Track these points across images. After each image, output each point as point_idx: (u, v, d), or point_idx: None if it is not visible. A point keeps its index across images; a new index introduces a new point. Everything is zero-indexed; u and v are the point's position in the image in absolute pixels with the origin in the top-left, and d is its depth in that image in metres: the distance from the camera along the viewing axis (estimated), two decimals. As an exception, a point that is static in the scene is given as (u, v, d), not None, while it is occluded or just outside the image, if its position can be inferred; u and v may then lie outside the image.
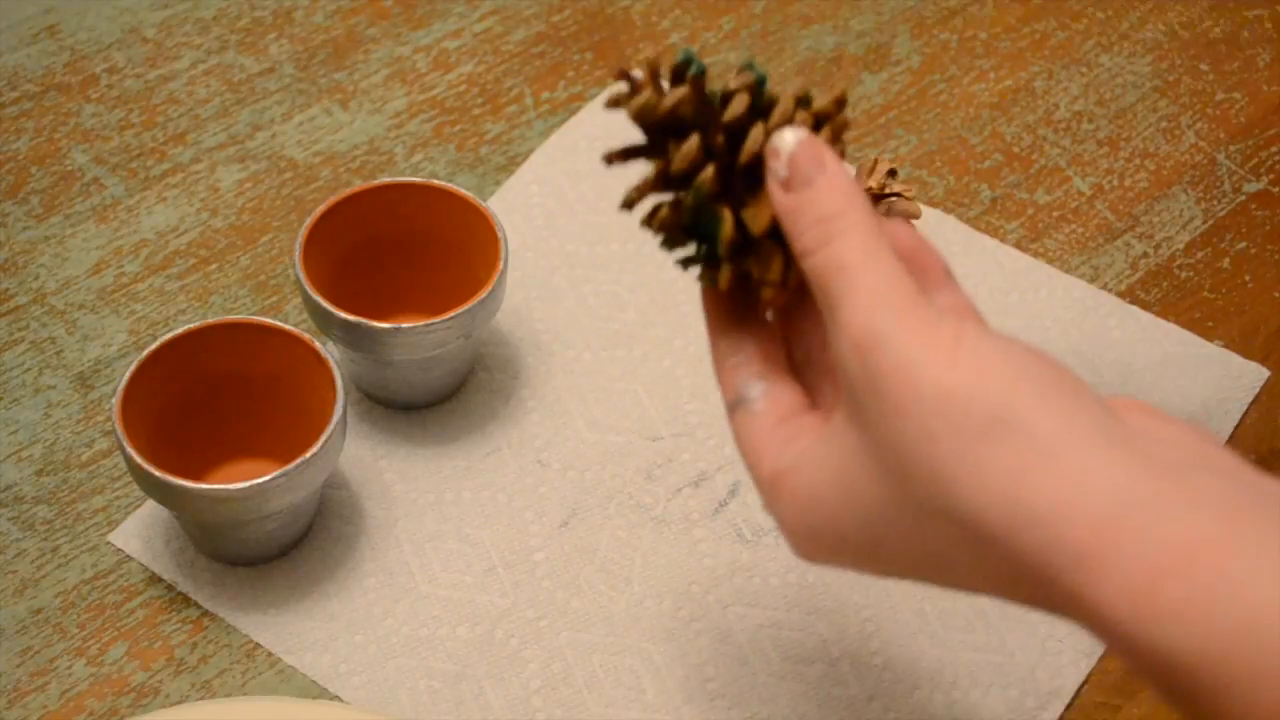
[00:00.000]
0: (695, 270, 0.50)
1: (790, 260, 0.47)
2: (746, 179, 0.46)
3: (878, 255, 0.43)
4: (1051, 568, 0.39)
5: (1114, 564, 0.38)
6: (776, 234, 0.46)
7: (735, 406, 0.49)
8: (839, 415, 0.45)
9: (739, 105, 0.46)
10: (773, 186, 0.45)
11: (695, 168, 0.46)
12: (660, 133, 0.47)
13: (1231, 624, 0.37)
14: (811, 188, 0.44)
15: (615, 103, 0.47)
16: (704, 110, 0.46)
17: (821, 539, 0.46)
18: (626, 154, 0.48)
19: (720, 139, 0.46)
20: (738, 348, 0.49)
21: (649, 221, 0.49)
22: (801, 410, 0.48)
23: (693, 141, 0.45)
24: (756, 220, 0.46)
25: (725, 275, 0.48)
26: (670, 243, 0.49)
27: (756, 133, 0.45)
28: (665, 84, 0.47)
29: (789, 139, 0.44)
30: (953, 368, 0.42)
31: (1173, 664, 0.38)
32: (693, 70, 0.46)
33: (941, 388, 0.41)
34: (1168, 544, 0.38)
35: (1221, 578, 0.37)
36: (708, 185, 0.46)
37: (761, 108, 0.46)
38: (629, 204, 0.49)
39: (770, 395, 0.48)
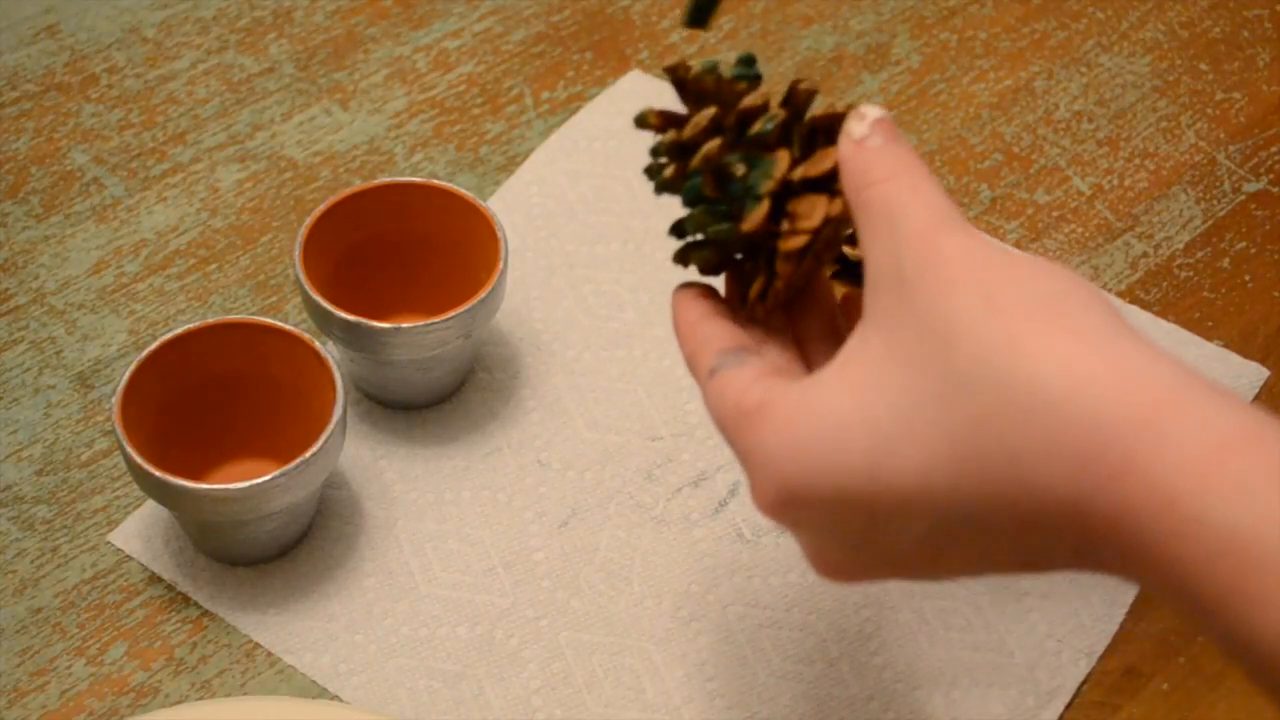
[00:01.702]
0: (693, 240, 0.51)
1: (826, 216, 0.48)
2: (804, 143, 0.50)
3: (940, 186, 0.45)
4: (1107, 436, 0.38)
5: (1176, 433, 0.38)
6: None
7: (712, 372, 0.48)
8: (858, 332, 0.45)
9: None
10: (845, 141, 0.47)
11: (758, 113, 0.48)
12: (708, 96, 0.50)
13: None
14: (889, 137, 0.46)
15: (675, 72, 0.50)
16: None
17: (815, 464, 0.43)
18: (667, 115, 0.50)
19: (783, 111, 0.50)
20: (717, 328, 0.50)
21: (676, 158, 0.50)
22: (791, 364, 0.49)
23: (762, 91, 0.49)
24: (811, 168, 0.48)
25: (761, 211, 0.48)
26: (694, 187, 0.50)
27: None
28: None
29: (875, 110, 0.47)
30: (1016, 253, 0.43)
31: (1230, 541, 0.37)
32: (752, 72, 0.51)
33: (1008, 263, 0.42)
34: (1229, 422, 0.38)
35: (1274, 460, 0.37)
36: (771, 128, 0.48)
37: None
38: (674, 140, 0.50)
39: (753, 356, 0.48)
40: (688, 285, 0.52)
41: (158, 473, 0.62)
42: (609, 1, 0.90)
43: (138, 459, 0.62)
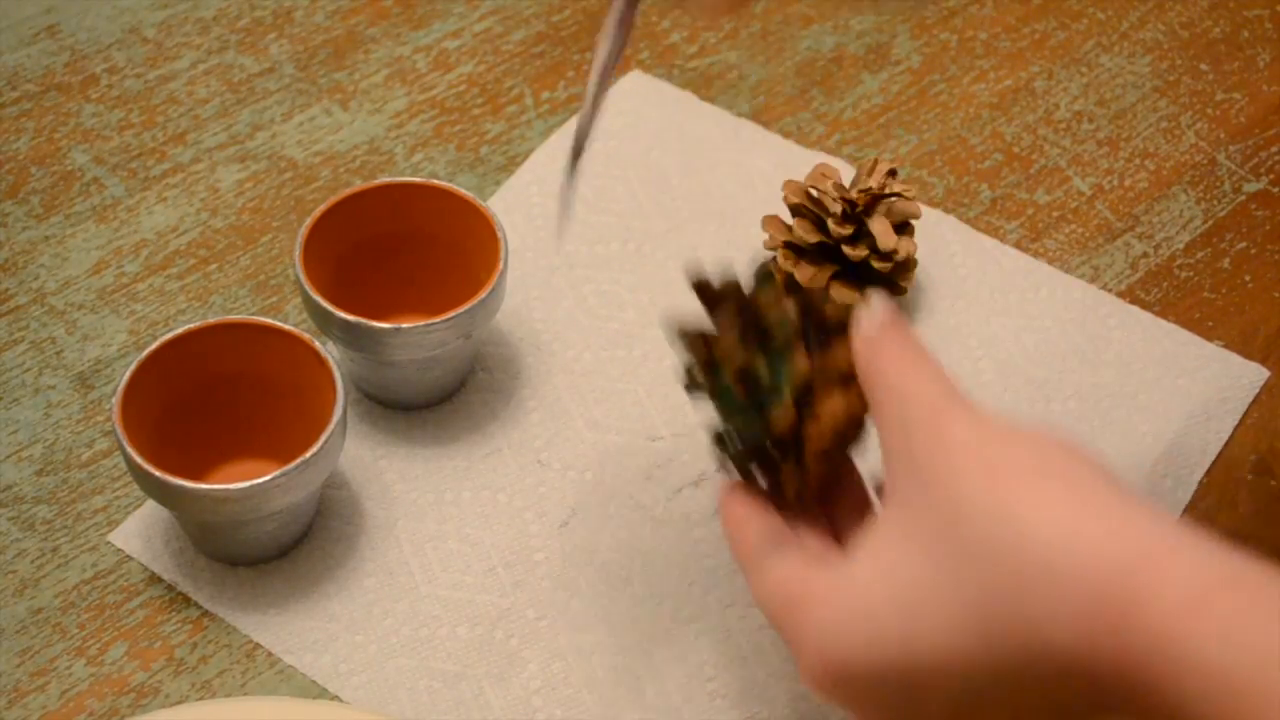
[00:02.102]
0: (731, 445, 0.56)
1: (846, 411, 0.52)
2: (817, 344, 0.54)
3: (943, 369, 0.50)
4: (1103, 591, 0.41)
5: (1162, 582, 0.41)
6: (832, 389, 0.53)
7: (758, 566, 0.52)
8: (884, 511, 0.49)
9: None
10: (855, 334, 0.52)
11: (776, 319, 0.53)
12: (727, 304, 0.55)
13: (1272, 642, 0.39)
14: (895, 328, 0.51)
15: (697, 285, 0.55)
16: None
17: (853, 643, 0.47)
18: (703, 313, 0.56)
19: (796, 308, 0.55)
20: (760, 524, 0.54)
21: (712, 370, 0.55)
22: (825, 544, 0.54)
23: (790, 304, 0.54)
24: (827, 366, 0.53)
25: (788, 414, 0.52)
26: (725, 394, 0.55)
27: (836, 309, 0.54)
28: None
29: (880, 299, 0.52)
30: (1016, 428, 0.47)
31: (1221, 680, 0.39)
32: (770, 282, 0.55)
33: (1006, 438, 0.46)
34: (1210, 567, 0.41)
35: (1265, 600, 0.40)
36: (791, 328, 0.53)
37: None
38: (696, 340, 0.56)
39: (793, 549, 0.53)
40: (731, 483, 0.57)
41: (158, 473, 0.62)
42: (609, 1, 0.90)
43: (138, 459, 0.62)
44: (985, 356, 0.75)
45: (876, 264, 0.73)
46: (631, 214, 0.80)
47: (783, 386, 0.52)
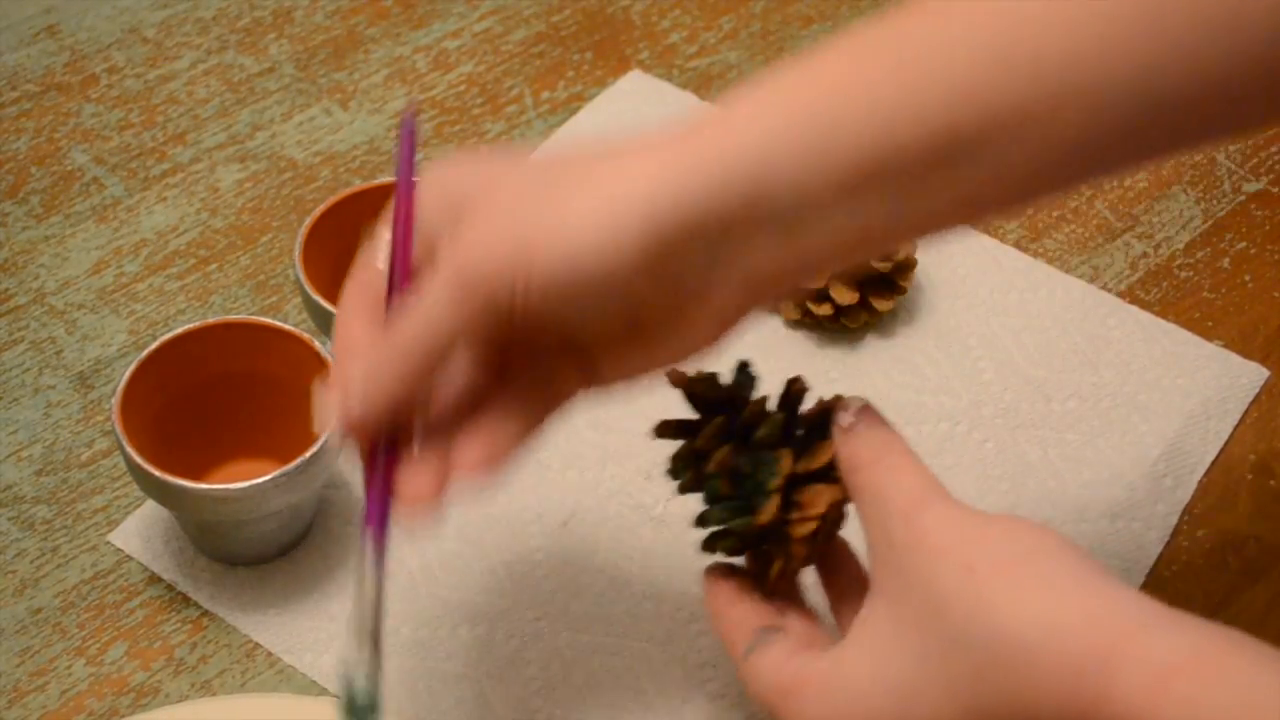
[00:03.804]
0: (718, 537, 0.56)
1: (830, 503, 0.54)
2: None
3: (919, 461, 0.52)
4: (1079, 674, 0.44)
5: (1130, 664, 0.43)
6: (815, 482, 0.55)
7: (747, 654, 0.53)
8: (867, 602, 0.50)
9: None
10: (836, 431, 0.53)
11: (760, 418, 0.55)
12: (712, 407, 0.56)
13: (1235, 715, 0.42)
14: (874, 426, 0.53)
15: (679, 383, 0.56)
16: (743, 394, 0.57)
17: None
18: (681, 425, 0.57)
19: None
20: (746, 610, 0.55)
21: (693, 464, 0.56)
22: (813, 629, 0.55)
23: (763, 400, 0.55)
24: (810, 463, 0.55)
25: (772, 506, 0.54)
26: (712, 488, 0.56)
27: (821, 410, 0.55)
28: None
29: (857, 400, 0.54)
30: (988, 519, 0.49)
31: None
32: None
33: (983, 529, 0.48)
34: (1177, 648, 0.43)
35: (1222, 676, 0.42)
36: (776, 427, 0.55)
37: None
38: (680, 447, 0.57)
39: (781, 634, 0.54)
40: (715, 566, 0.57)
41: (158, 473, 0.62)
42: (609, 1, 0.91)
43: (138, 459, 0.62)
44: (985, 356, 0.75)
45: (876, 264, 0.73)
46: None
47: (767, 482, 0.54)
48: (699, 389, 0.56)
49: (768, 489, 0.54)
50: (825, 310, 0.74)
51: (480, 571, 0.67)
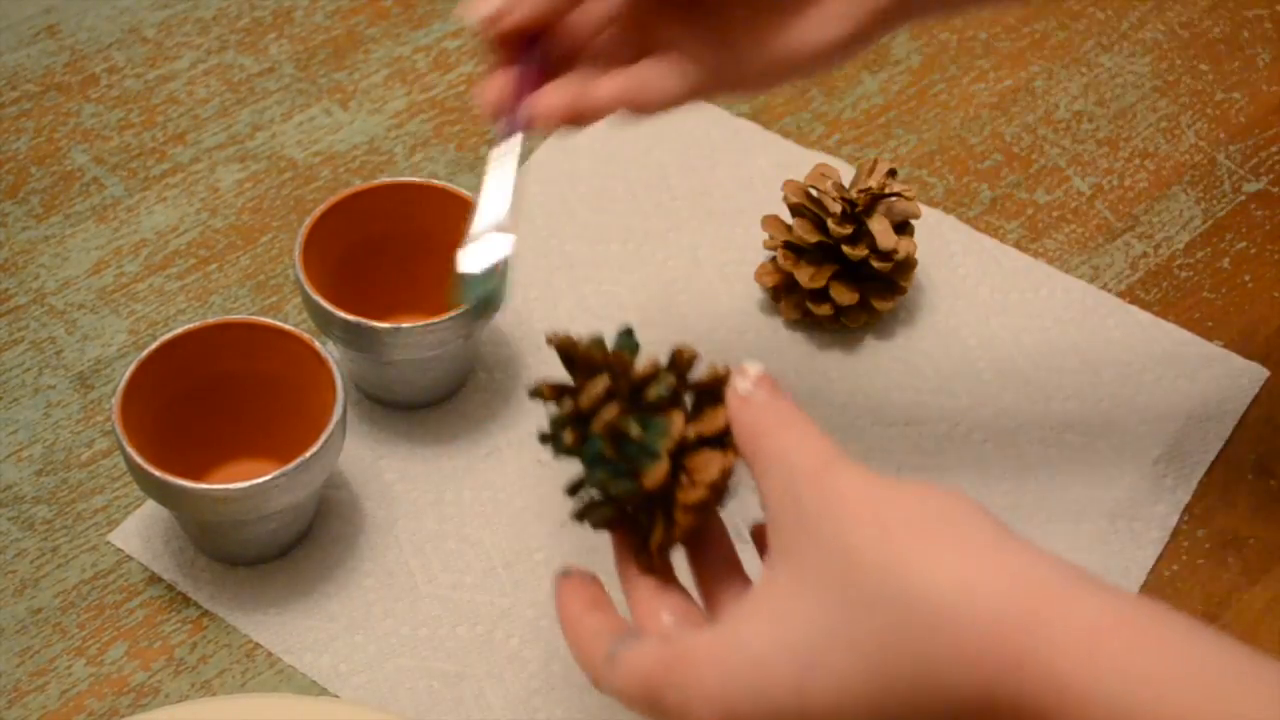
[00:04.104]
0: (591, 501, 0.55)
1: (721, 470, 0.52)
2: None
3: (821, 431, 0.51)
4: (999, 633, 0.43)
5: (1058, 622, 0.42)
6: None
7: (611, 657, 0.51)
8: (765, 569, 0.49)
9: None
10: (733, 397, 0.52)
11: (651, 379, 0.53)
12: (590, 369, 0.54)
13: (1168, 673, 0.41)
14: (773, 395, 0.52)
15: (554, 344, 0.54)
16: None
17: (744, 694, 0.47)
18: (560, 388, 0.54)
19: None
20: (602, 620, 0.53)
21: (575, 426, 0.53)
22: (690, 611, 0.53)
23: (655, 360, 0.53)
24: (704, 427, 0.53)
25: (662, 469, 0.52)
26: (594, 449, 0.53)
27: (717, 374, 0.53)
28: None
29: (755, 366, 0.52)
30: (900, 482, 0.48)
31: (1111, 714, 0.41)
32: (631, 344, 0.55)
33: (896, 492, 0.47)
34: (1104, 609, 0.43)
35: (1154, 637, 0.42)
36: (668, 388, 0.53)
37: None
38: (540, 393, 0.54)
39: (644, 635, 0.52)
40: (567, 577, 0.55)
41: (158, 473, 0.62)
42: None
43: (138, 459, 0.62)
44: (985, 356, 0.75)
45: (876, 264, 0.73)
46: (631, 214, 0.80)
47: (656, 443, 0.52)
48: (580, 350, 0.54)
49: (657, 451, 0.52)
50: (825, 310, 0.74)
51: (480, 571, 0.67)
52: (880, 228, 0.73)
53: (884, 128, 0.85)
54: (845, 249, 0.73)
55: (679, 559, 0.55)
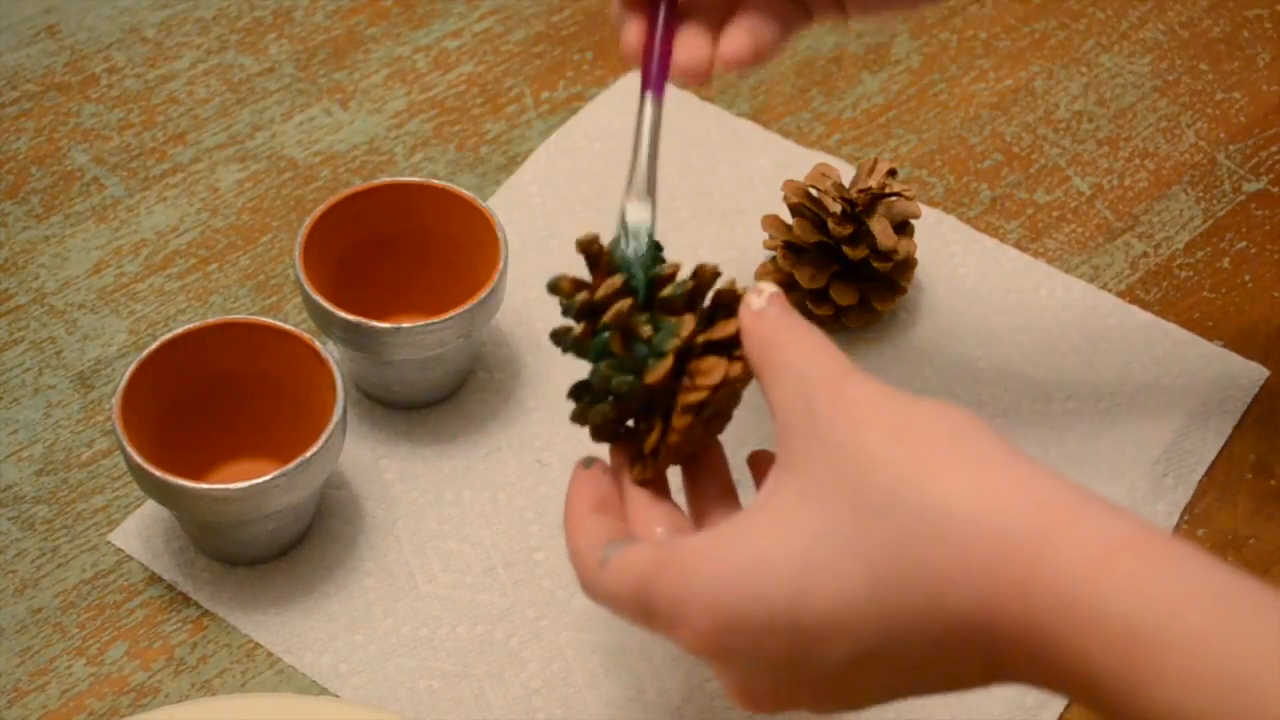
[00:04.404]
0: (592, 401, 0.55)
1: (725, 376, 0.52)
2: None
3: (832, 344, 0.51)
4: (1011, 547, 0.42)
5: (1073, 540, 0.42)
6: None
7: (603, 562, 0.51)
8: (771, 478, 0.49)
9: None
10: (746, 312, 0.52)
11: (668, 280, 0.54)
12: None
13: (1178, 594, 0.41)
14: (786, 312, 0.52)
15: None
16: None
17: (744, 594, 0.46)
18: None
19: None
20: (604, 523, 0.53)
21: (586, 318, 0.54)
22: (683, 525, 0.53)
23: (678, 265, 0.54)
24: (714, 333, 0.53)
25: (666, 365, 0.52)
26: (602, 343, 0.53)
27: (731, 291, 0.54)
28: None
29: (770, 286, 0.52)
30: (915, 397, 0.47)
31: (1123, 630, 0.41)
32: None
33: (910, 404, 0.47)
34: (1118, 528, 0.43)
35: (1165, 559, 0.42)
36: (684, 292, 0.53)
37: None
38: (556, 289, 0.55)
39: (640, 540, 0.51)
40: (586, 469, 0.55)
41: (158, 473, 0.62)
42: (609, 1, 0.90)
43: (138, 459, 0.62)
44: (985, 356, 0.75)
45: (876, 264, 0.73)
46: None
47: (664, 344, 0.52)
48: (602, 250, 0.54)
49: (664, 350, 0.52)
50: (825, 310, 0.74)
51: (480, 571, 0.67)
52: (880, 228, 0.73)
53: (884, 128, 0.85)
54: (845, 249, 0.73)
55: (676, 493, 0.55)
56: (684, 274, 0.55)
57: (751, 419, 0.58)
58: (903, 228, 0.75)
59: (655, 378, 0.52)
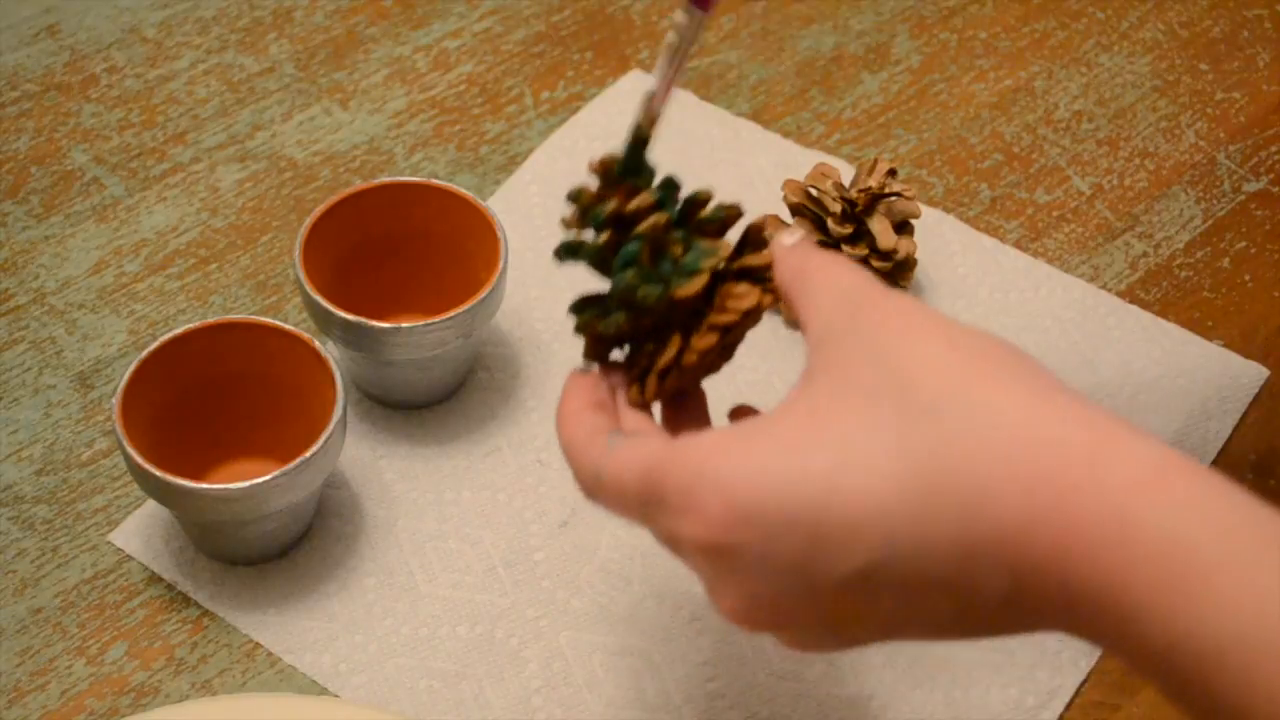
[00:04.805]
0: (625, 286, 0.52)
1: (757, 302, 0.51)
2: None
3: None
4: (1061, 459, 0.41)
5: (1125, 457, 0.41)
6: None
7: (611, 449, 0.48)
8: (801, 384, 0.46)
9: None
10: (779, 245, 0.51)
11: (706, 202, 0.53)
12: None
13: (1228, 516, 0.40)
14: (816, 249, 0.51)
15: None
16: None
17: (772, 480, 0.44)
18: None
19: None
20: (605, 417, 0.51)
21: (614, 226, 0.53)
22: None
23: (710, 191, 0.53)
24: (751, 260, 0.52)
25: (701, 281, 0.51)
26: (631, 253, 0.52)
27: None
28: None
29: (799, 230, 0.52)
30: (958, 322, 0.46)
31: (1172, 548, 0.40)
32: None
33: (959, 324, 0.46)
34: (1166, 453, 0.42)
35: (1213, 485, 0.41)
36: (720, 215, 0.53)
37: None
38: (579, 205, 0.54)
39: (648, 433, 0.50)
40: (581, 373, 0.53)
41: (158, 473, 0.62)
42: (609, 1, 0.91)
43: (138, 459, 0.62)
44: (985, 356, 0.75)
45: (876, 263, 0.73)
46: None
47: (700, 262, 0.51)
48: (646, 166, 0.53)
49: (700, 268, 0.51)
50: (825, 310, 0.74)
51: (480, 571, 0.67)
52: (880, 227, 0.73)
53: (884, 127, 0.85)
54: (845, 249, 0.73)
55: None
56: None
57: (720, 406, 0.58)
58: (902, 227, 0.75)
59: (689, 291, 0.50)
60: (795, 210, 0.75)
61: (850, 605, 0.44)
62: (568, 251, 0.54)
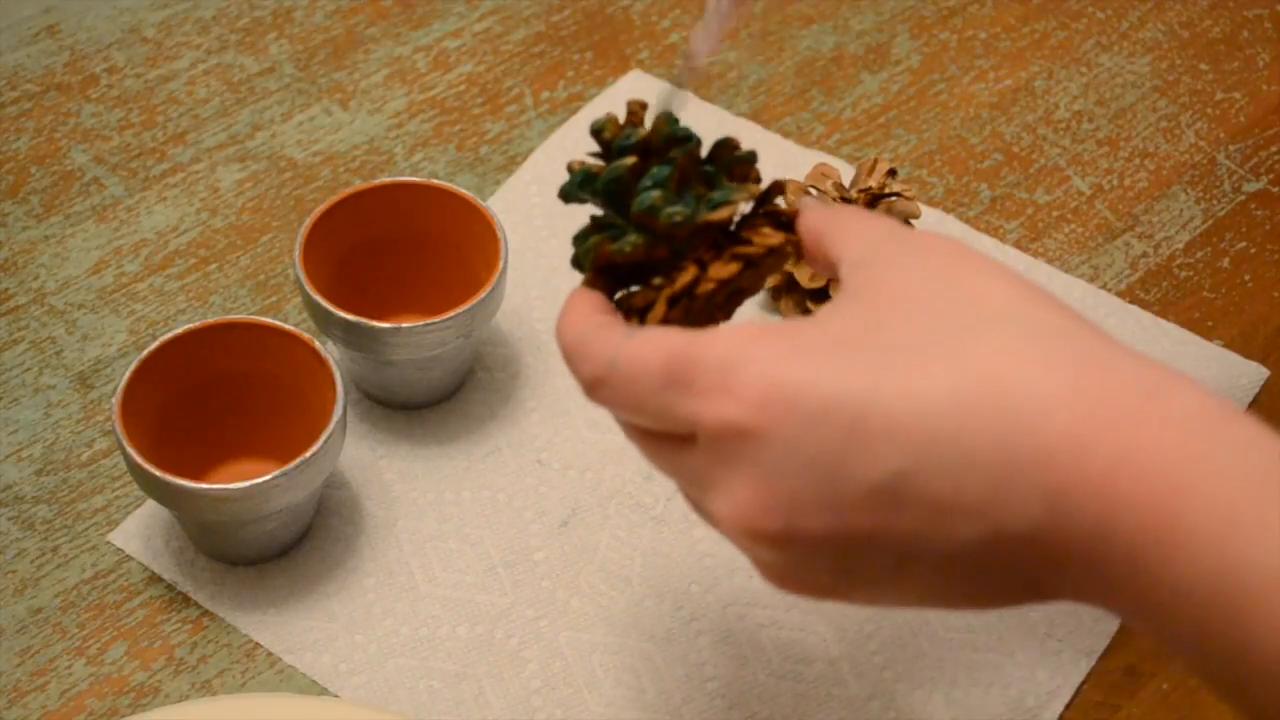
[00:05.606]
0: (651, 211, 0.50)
1: (780, 243, 0.50)
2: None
3: None
4: (1125, 384, 0.40)
5: (1188, 394, 0.40)
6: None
7: (628, 336, 0.46)
8: (832, 303, 0.45)
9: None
10: (805, 204, 0.51)
11: (736, 145, 0.53)
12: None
13: (1270, 467, 0.39)
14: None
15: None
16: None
17: (816, 369, 0.42)
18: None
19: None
20: (616, 329, 0.48)
21: (641, 153, 0.51)
22: None
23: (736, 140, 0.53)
24: (767, 208, 0.52)
25: (732, 208, 0.50)
26: (660, 175, 0.51)
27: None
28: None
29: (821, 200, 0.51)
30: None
31: (1235, 477, 0.39)
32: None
33: (993, 259, 0.45)
34: (1224, 401, 0.41)
35: (1265, 428, 0.40)
36: (747, 159, 0.53)
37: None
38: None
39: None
40: (583, 289, 0.51)
41: (158, 473, 0.62)
42: (609, 1, 0.91)
43: (138, 459, 0.62)
44: (985, 356, 0.75)
45: (876, 264, 0.73)
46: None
47: (730, 195, 0.50)
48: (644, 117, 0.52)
49: (731, 199, 0.50)
50: (825, 310, 0.74)
51: (480, 571, 0.67)
52: (880, 228, 0.73)
53: (884, 128, 0.85)
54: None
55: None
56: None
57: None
58: (903, 228, 0.75)
59: (720, 216, 0.49)
60: (795, 210, 0.75)
61: (870, 520, 0.42)
62: (584, 180, 0.51)
